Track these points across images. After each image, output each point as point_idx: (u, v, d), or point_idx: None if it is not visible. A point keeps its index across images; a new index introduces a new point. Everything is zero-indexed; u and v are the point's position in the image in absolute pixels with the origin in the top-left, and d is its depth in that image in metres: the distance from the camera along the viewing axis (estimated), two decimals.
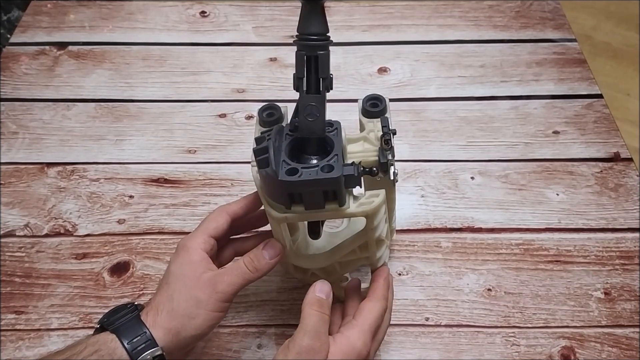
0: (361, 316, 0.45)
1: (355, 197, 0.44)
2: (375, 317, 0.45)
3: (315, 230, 0.47)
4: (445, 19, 0.86)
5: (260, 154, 0.40)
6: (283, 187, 0.40)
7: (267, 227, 0.48)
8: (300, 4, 0.40)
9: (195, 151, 0.71)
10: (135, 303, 0.46)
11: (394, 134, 0.45)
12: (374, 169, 0.43)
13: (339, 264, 0.51)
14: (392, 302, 0.50)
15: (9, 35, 0.98)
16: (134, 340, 0.41)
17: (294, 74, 0.41)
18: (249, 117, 0.75)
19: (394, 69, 0.80)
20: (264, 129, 0.46)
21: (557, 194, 0.66)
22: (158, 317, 0.43)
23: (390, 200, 0.51)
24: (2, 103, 0.76)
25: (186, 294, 0.44)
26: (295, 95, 0.42)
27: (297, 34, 0.41)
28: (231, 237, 0.51)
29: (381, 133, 0.45)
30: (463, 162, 0.69)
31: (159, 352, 0.41)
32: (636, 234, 0.62)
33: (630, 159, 0.69)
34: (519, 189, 0.67)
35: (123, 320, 0.43)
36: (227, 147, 0.71)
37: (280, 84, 0.78)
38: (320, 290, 0.44)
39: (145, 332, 0.42)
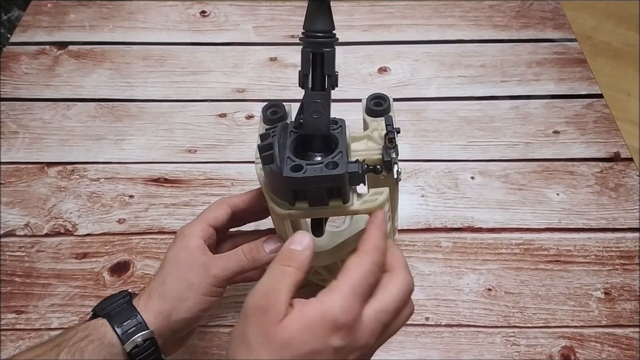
0: (344, 275, 0.35)
1: (359, 195, 0.44)
2: (362, 274, 0.35)
3: (318, 227, 0.47)
4: (446, 19, 0.86)
5: (265, 150, 0.40)
6: (287, 184, 0.40)
7: (270, 226, 0.48)
8: (301, 4, 0.40)
9: (195, 151, 0.71)
10: (129, 290, 0.45)
11: (398, 132, 0.45)
12: (378, 167, 0.43)
13: (342, 262, 0.51)
14: (407, 269, 0.38)
15: (9, 35, 0.98)
16: (124, 323, 0.41)
17: (299, 71, 0.41)
18: (249, 117, 0.75)
19: (394, 69, 0.80)
20: (268, 127, 0.46)
21: (557, 194, 0.66)
22: (150, 301, 0.43)
23: (392, 200, 0.51)
24: (2, 103, 0.76)
25: (178, 277, 0.43)
26: (296, 95, 0.42)
27: (303, 31, 0.41)
28: (231, 230, 0.50)
29: (385, 132, 0.45)
30: (463, 162, 0.69)
31: (149, 336, 0.41)
32: (636, 234, 0.63)
33: (630, 159, 0.69)
34: (519, 188, 0.67)
35: (114, 306, 0.43)
36: (227, 146, 0.71)
37: (280, 84, 0.78)
38: (296, 242, 0.37)
39: (136, 315, 0.42)
